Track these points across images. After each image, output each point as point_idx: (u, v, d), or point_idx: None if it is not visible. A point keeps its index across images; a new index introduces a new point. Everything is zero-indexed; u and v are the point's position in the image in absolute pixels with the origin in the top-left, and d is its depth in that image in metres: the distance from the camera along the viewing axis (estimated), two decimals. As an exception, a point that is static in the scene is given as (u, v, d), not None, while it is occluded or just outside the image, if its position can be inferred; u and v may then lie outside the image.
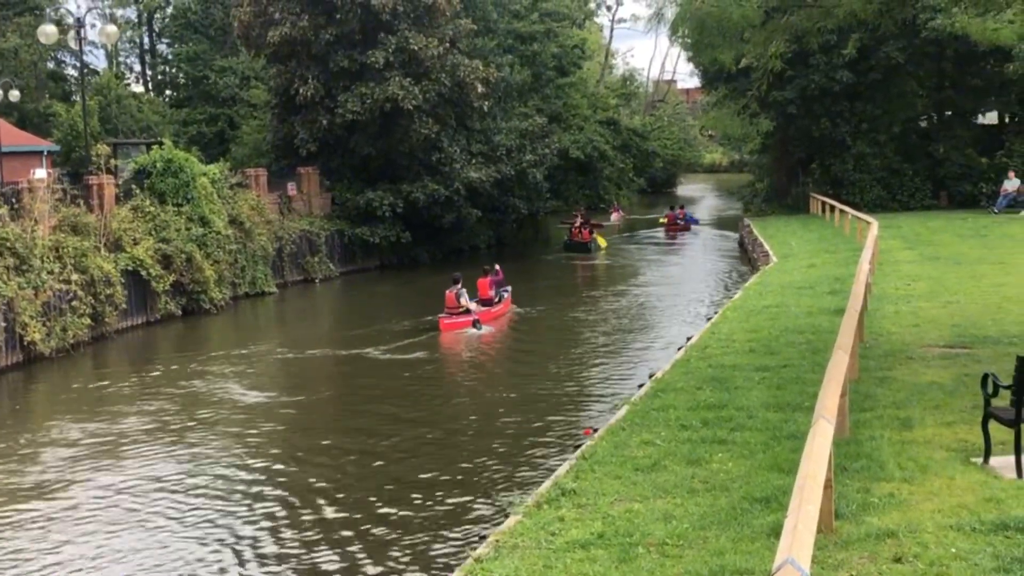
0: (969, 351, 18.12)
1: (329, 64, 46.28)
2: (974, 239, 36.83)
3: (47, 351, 27.89)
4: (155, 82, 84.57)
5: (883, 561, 9.10)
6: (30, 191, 30.82)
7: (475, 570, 9.90)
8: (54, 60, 76.83)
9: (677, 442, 13.55)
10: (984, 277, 27.38)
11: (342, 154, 47.54)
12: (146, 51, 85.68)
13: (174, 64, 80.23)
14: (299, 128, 47.35)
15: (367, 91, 45.44)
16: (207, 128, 66.59)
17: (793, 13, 17.73)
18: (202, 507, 15.92)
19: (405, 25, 46.54)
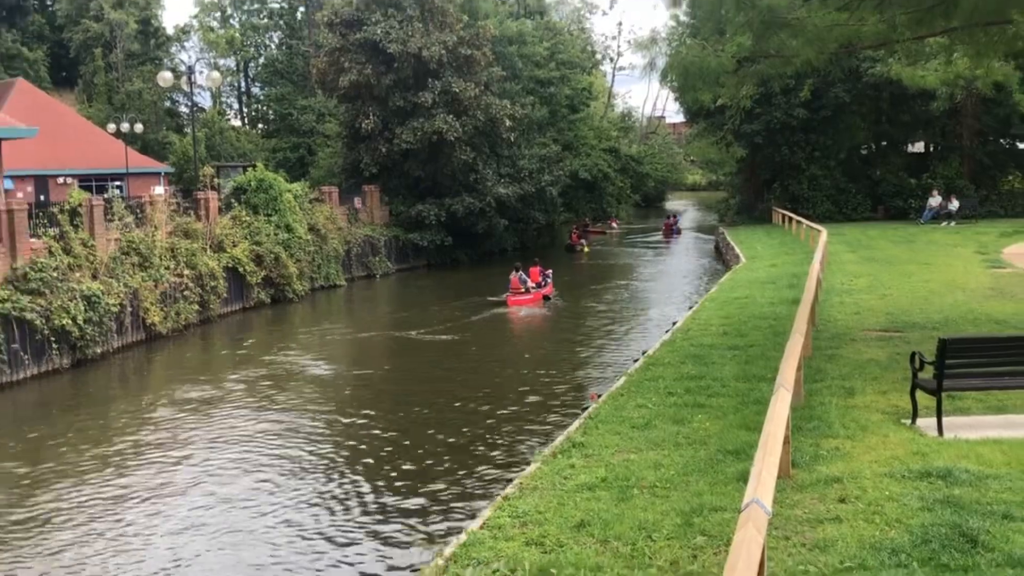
0: (900, 334, 18.05)
1: (388, 103, 46.35)
2: (904, 244, 36.65)
3: (164, 331, 28.08)
4: (250, 117, 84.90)
5: (830, 501, 9.08)
6: (151, 204, 31.02)
7: (503, 506, 9.92)
8: (170, 100, 77.30)
9: (665, 406, 13.54)
10: (912, 275, 27.24)
11: (398, 175, 47.61)
12: (243, 93, 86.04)
13: (265, 103, 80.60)
14: (364, 154, 47.51)
15: (418, 125, 45.59)
16: (291, 154, 66.90)
17: (759, 62, 17.66)
18: (288, 452, 16.05)
19: (449, 73, 46.62)
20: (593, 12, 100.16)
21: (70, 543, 12.28)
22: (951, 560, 7.51)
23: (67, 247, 25.56)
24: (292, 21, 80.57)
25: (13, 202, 24.48)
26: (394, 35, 45.52)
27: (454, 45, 46.80)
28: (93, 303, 24.81)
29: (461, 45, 47.22)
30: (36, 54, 79.39)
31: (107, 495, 14.16)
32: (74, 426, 18.55)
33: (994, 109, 48.02)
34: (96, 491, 14.36)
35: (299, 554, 11.67)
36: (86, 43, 74.76)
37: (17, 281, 23.31)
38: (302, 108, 70.42)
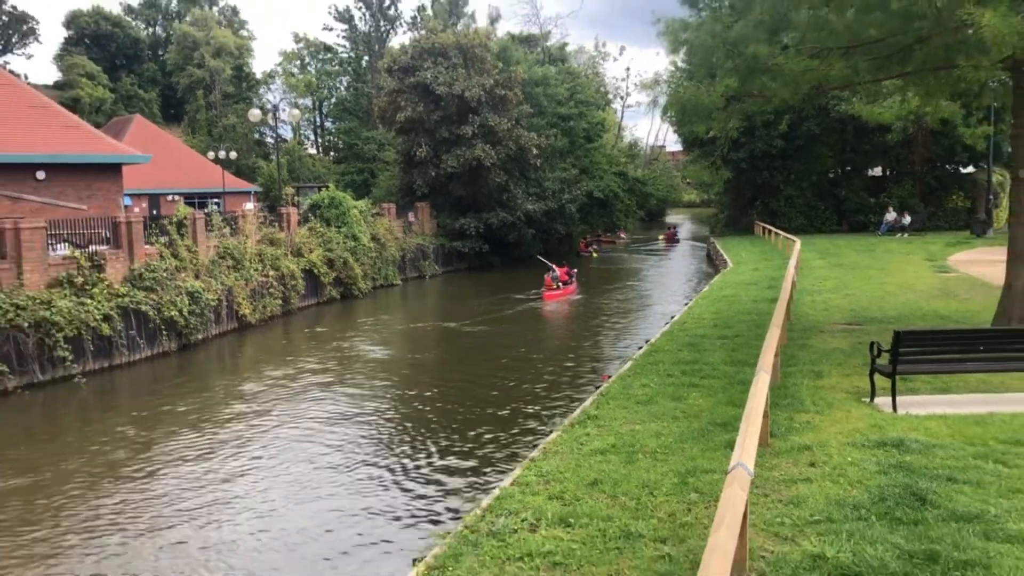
0: (861, 327, 17.89)
1: (436, 135, 46.41)
2: (865, 253, 36.29)
3: (253, 321, 28.30)
4: (323, 147, 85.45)
5: (802, 465, 9.03)
6: (243, 217, 31.27)
7: (530, 466, 9.93)
8: (258, 132, 78.03)
9: (664, 385, 13.50)
10: (872, 278, 26.98)
11: (444, 194, 47.65)
12: (318, 126, 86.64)
13: (335, 135, 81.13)
14: (416, 177, 47.61)
15: (460, 153, 45.64)
16: (356, 177, 67.26)
17: (744, 101, 17.58)
18: (354, 420, 16.14)
19: (486, 110, 46.60)
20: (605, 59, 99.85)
21: (173, 485, 12.45)
22: (904, 515, 7.46)
23: (175, 252, 25.83)
24: (358, 68, 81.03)
25: (131, 216, 24.74)
26: (442, 79, 45.62)
27: (491, 87, 46.80)
28: (195, 298, 25.05)
29: (496, 87, 47.21)
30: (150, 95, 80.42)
31: (202, 448, 14.33)
32: (180, 397, 18.76)
33: (941, 140, 47.90)
34: (195, 447, 14.53)
35: (362, 501, 11.74)
36: (191, 86, 75.62)
37: (134, 280, 23.58)
38: (366, 139, 70.76)
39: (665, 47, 17.43)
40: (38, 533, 11.13)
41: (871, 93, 19.76)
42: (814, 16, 14.37)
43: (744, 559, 6.48)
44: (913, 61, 14.44)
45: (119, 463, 14.02)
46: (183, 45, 76.52)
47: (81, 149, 29.74)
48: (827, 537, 7.10)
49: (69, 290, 21.54)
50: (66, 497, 12.44)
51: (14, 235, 20.81)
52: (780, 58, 14.93)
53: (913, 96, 18.72)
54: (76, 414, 17.95)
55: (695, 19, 17.11)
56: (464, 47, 47.75)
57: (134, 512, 11.77)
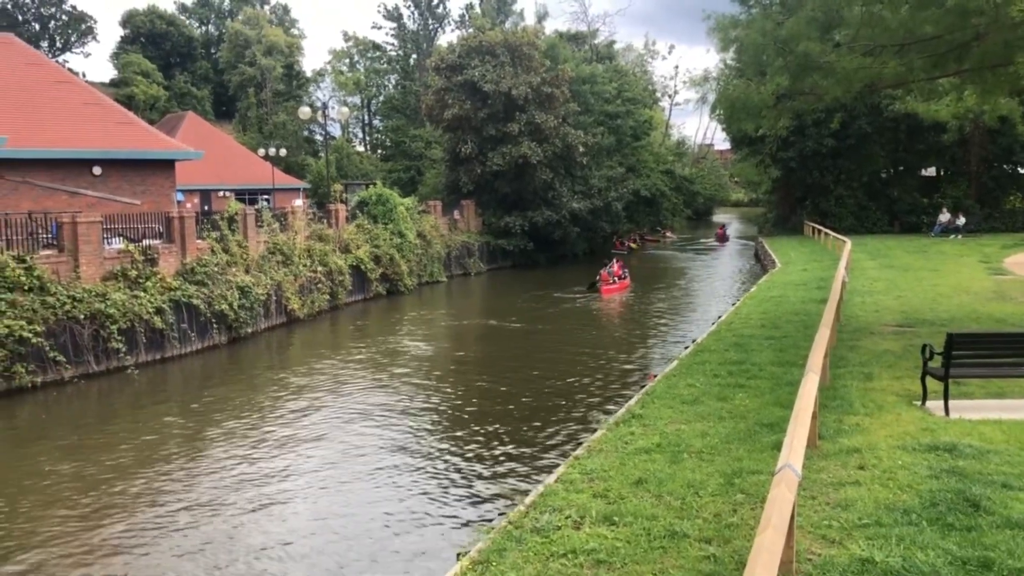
0: (912, 329, 17.57)
1: (482, 133, 46.55)
2: (917, 254, 35.63)
3: (301, 316, 28.64)
4: (371, 144, 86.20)
5: (851, 468, 8.91)
6: (292, 214, 31.64)
7: (574, 464, 9.93)
8: (308, 130, 78.94)
9: (711, 385, 13.41)
10: (924, 280, 26.47)
11: (489, 192, 47.76)
12: (366, 124, 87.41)
13: (383, 133, 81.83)
14: (462, 175, 47.78)
15: (507, 151, 45.72)
16: (403, 174, 67.73)
17: (795, 99, 17.36)
18: (399, 414, 16.28)
19: (533, 107, 46.64)
20: (654, 57, 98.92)
21: (220, 476, 12.67)
22: (956, 521, 7.32)
23: (225, 247, 26.22)
24: (406, 66, 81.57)
25: (184, 211, 25.20)
26: (489, 77, 45.73)
27: (538, 85, 46.80)
28: (245, 292, 25.43)
29: (543, 85, 47.20)
30: (203, 92, 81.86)
31: (251, 439, 14.56)
32: (230, 388, 19.08)
33: (999, 139, 46.96)
34: (244, 438, 14.76)
35: (406, 493, 11.84)
36: (242, 84, 76.76)
37: (186, 274, 24.01)
38: (413, 137, 71.23)
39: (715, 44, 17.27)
40: (84, 510, 11.41)
41: (926, 91, 19.40)
42: (867, 12, 14.15)
43: (791, 561, 6.41)
44: (970, 58, 14.14)
45: (167, 452, 14.31)
46: (235, 43, 77.71)
47: (135, 145, 30.39)
48: (876, 541, 7.00)
49: (123, 283, 22.02)
50: (112, 482, 12.74)
51: (71, 229, 21.34)
52: (832, 56, 14.73)
53: (970, 94, 18.32)
54: (128, 404, 18.36)
55: (745, 16, 16.95)
56: (512, 45, 47.79)
57: (180, 502, 12.00)
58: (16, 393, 18.53)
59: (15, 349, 18.60)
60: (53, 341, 19.53)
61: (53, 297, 19.93)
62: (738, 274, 42.55)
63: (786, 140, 46.88)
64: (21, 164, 28.03)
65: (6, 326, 18.51)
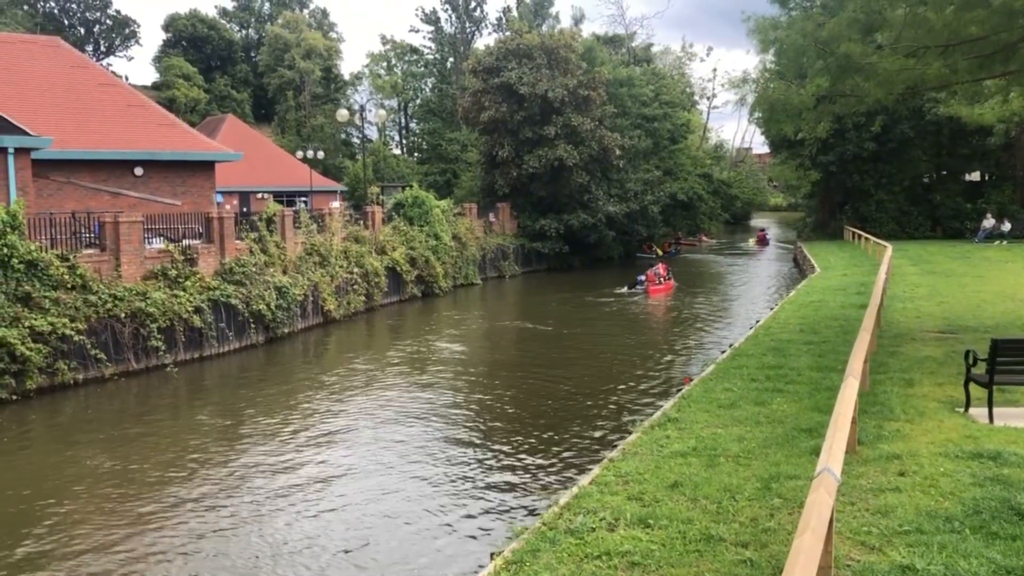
0: (955, 336, 17.26)
1: (518, 135, 46.59)
2: (960, 260, 35.02)
3: (338, 316, 28.85)
4: (408, 147, 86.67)
5: (891, 474, 8.77)
6: (329, 215, 31.89)
7: (609, 467, 9.90)
8: (345, 133, 79.66)
9: (748, 390, 13.29)
10: (967, 286, 26.00)
11: (525, 195, 47.77)
12: (403, 127, 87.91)
13: (420, 136, 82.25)
14: (498, 177, 47.86)
15: (543, 153, 45.71)
16: (439, 177, 67.97)
17: (835, 101, 17.18)
18: (433, 413, 16.33)
19: (569, 110, 46.60)
20: (692, 60, 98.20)
21: (255, 474, 12.80)
22: (1000, 529, 7.18)
23: (264, 248, 26.49)
24: (443, 69, 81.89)
25: (223, 212, 25.51)
26: (525, 79, 45.77)
27: (574, 87, 46.76)
28: (283, 293, 25.67)
29: (580, 87, 47.14)
30: (242, 95, 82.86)
31: (285, 439, 14.69)
32: (267, 387, 19.27)
33: (1046, 143, 45.87)
34: (280, 437, 14.90)
35: (440, 493, 11.87)
36: (281, 87, 77.64)
37: (225, 274, 24.30)
38: (449, 140, 71.50)
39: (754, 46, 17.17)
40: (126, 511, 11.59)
41: (970, 94, 19.03)
42: (911, 13, 13.94)
43: (829, 567, 6.32)
44: (1017, 59, 13.88)
45: (206, 452, 14.49)
46: (275, 47, 78.58)
47: (176, 147, 30.85)
48: (917, 548, 6.88)
49: (163, 282, 22.35)
50: (153, 483, 12.93)
51: (113, 228, 21.71)
52: (874, 57, 14.54)
53: (1016, 96, 17.98)
54: (168, 402, 18.62)
55: (785, 18, 16.80)
56: (548, 48, 47.80)
57: (215, 499, 12.14)
58: (59, 389, 18.90)
59: (58, 346, 18.97)
60: (94, 339, 19.89)
61: (95, 295, 20.29)
62: (777, 279, 42.12)
63: (826, 143, 46.33)
64: (66, 165, 28.58)
65: (49, 323, 18.87)
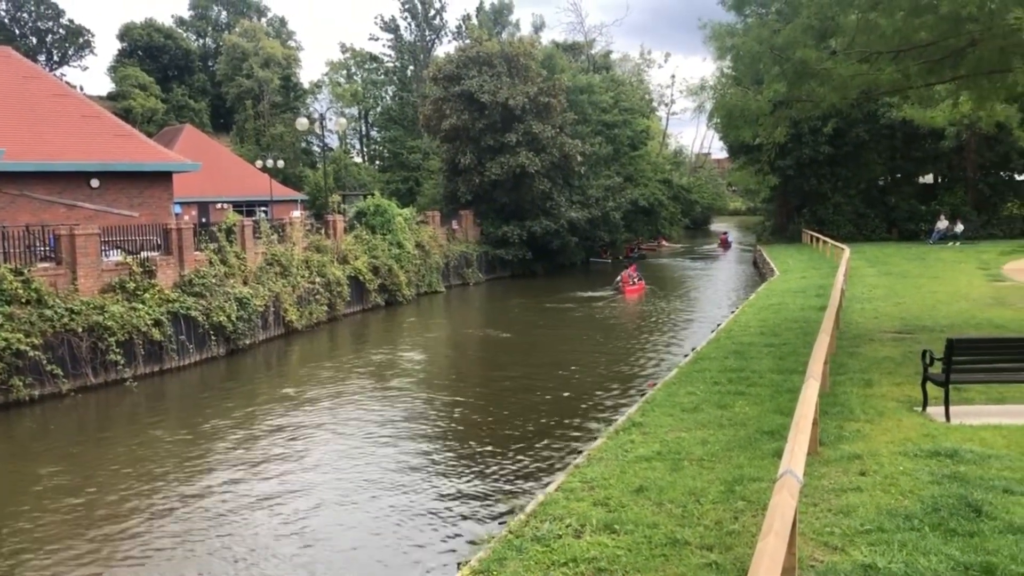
0: (912, 336, 17.57)
1: (480, 143, 46.61)
2: (916, 261, 35.66)
3: (299, 327, 28.59)
4: (369, 155, 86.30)
5: (852, 474, 8.88)
6: (290, 225, 31.66)
7: (575, 473, 9.91)
8: (305, 141, 79.07)
9: (711, 393, 13.39)
10: (923, 287, 26.48)
11: (488, 201, 47.77)
12: (364, 135, 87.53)
13: (381, 144, 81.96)
14: (460, 185, 47.79)
15: (504, 160, 45.77)
16: (401, 185, 67.78)
17: (792, 106, 17.41)
18: (394, 423, 16.23)
19: (530, 117, 46.73)
20: (650, 66, 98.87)
21: (217, 490, 12.63)
22: (958, 526, 7.30)
23: (224, 259, 26.20)
24: (403, 77, 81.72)
25: (182, 223, 25.19)
26: (486, 87, 45.84)
27: (535, 95, 46.92)
28: (243, 304, 25.39)
29: (540, 95, 47.31)
30: (200, 104, 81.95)
31: (247, 454, 14.50)
32: (228, 401, 19.02)
33: (995, 146, 47.16)
34: (242, 451, 14.71)
35: (405, 506, 11.79)
36: (240, 96, 76.92)
37: (184, 286, 23.98)
38: (411, 148, 71.34)
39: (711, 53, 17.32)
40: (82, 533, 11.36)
41: (922, 98, 19.41)
42: (863, 19, 14.19)
43: (793, 568, 6.38)
44: (965, 64, 14.18)
45: (164, 469, 14.25)
46: (232, 56, 77.84)
47: (133, 157, 30.40)
48: (878, 547, 6.97)
49: (121, 295, 21.98)
50: (110, 502, 12.68)
51: (69, 241, 21.32)
52: (829, 62, 14.77)
53: (965, 100, 18.36)
54: (126, 417, 18.29)
55: (741, 24, 17.00)
56: (509, 55, 47.94)
57: (174, 517, 11.94)
58: (13, 406, 18.48)
59: (12, 362, 18.56)
60: (51, 354, 19.49)
61: (51, 310, 19.89)
62: (737, 281, 42.55)
63: (783, 148, 46.89)
64: (19, 177, 28.03)
65: (3, 339, 18.47)
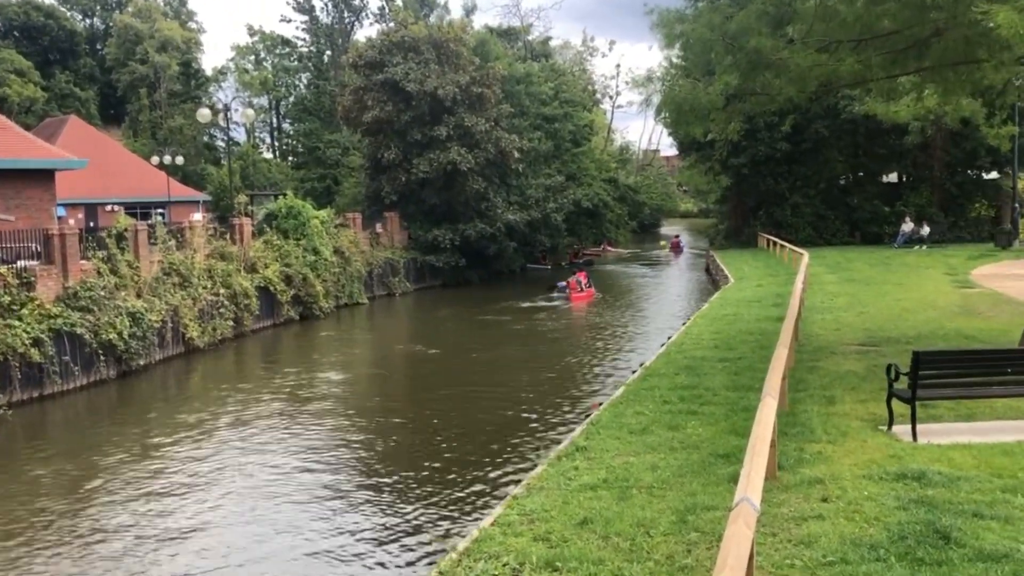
0: (876, 348, 17.97)
1: (407, 137, 46.52)
2: (880, 266, 36.53)
3: (202, 345, 28.09)
4: (281, 151, 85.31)
5: (814, 500, 9.02)
6: (191, 229, 31.13)
7: (512, 504, 9.88)
8: (208, 135, 77.85)
9: (661, 413, 13.49)
10: (888, 294, 27.14)
11: (416, 202, 47.66)
12: (275, 128, 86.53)
13: (294, 138, 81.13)
14: (385, 184, 47.62)
15: (434, 157, 45.75)
16: (318, 184, 67.15)
17: (746, 100, 17.69)
18: (310, 453, 16.02)
19: (462, 109, 46.81)
20: (593, 55, 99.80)
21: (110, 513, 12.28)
22: (926, 555, 7.46)
23: (114, 268, 25.63)
24: (320, 63, 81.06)
25: (65, 228, 24.56)
26: (412, 75, 45.78)
27: (467, 84, 47.02)
28: (137, 319, 24.86)
29: (473, 84, 47.44)
30: (87, 93, 79.95)
31: (144, 490, 14.15)
32: (119, 431, 18.55)
33: (962, 143, 48.14)
34: (134, 487, 14.35)
35: (324, 545, 11.62)
36: (133, 83, 75.32)
37: (69, 299, 23.37)
38: (328, 142, 70.77)
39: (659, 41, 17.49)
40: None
41: (885, 91, 19.89)
42: (821, 5, 14.51)
43: (751, 605, 6.45)
44: (930, 55, 14.59)
45: (43, 506, 13.82)
46: (124, 38, 76.21)
47: (9, 153, 29.49)
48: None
49: (-6, 311, 21.31)
50: (-11, 543, 12.26)
51: (-68, 249, 20.62)
52: (785, 52, 15.05)
53: (930, 94, 18.89)
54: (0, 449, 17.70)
55: (691, 10, 17.26)
56: (437, 41, 47.95)
57: (57, 564, 11.59)
58: None
59: None
60: (-90, 379, 18.78)
61: (-90, 328, 19.18)
62: (688, 290, 43.13)
63: (737, 145, 47.63)
64: None
65: None
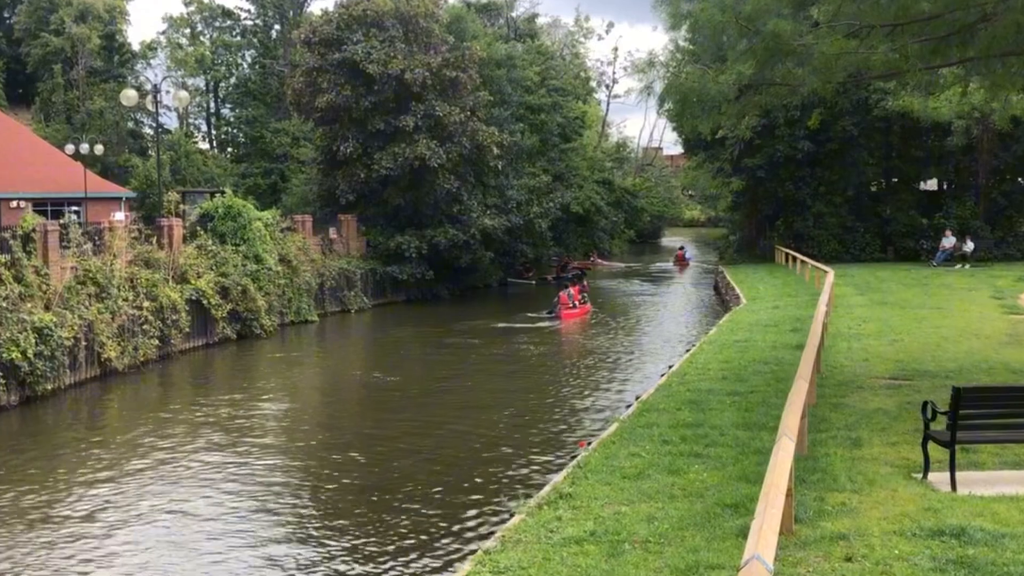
0: (911, 382, 18.06)
1: (367, 127, 46.47)
2: (916, 288, 36.73)
3: (121, 367, 27.87)
4: (219, 140, 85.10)
5: (836, 560, 9.03)
6: (110, 231, 30.95)
7: (484, 560, 9.84)
8: (133, 120, 77.47)
9: (659, 455, 13.49)
10: (925, 320, 27.29)
11: (376, 203, 47.61)
12: (212, 114, 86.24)
13: (235, 125, 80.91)
14: (340, 181, 47.52)
15: (399, 150, 45.68)
16: (262, 180, 66.94)
17: (762, 91, 17.78)
18: (246, 498, 15.92)
19: (433, 96, 46.84)
20: (588, 36, 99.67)
21: None
22: (965, 625, 7.48)
23: (18, 275, 25.39)
24: (266, 40, 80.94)
25: (-39, 226, 24.39)
26: (375, 55, 45.79)
27: (438, 67, 47.06)
28: (45, 336, 24.63)
29: (446, 67, 47.47)
30: (-9, 69, 79.49)
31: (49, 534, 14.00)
32: (18, 469, 18.36)
33: (1012, 146, 48.08)
34: (35, 529, 14.19)
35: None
36: (45, 58, 74.85)
37: (-37, 311, 23.19)
38: (275, 131, 70.59)
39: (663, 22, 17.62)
40: None
41: (924, 84, 20.07)
42: (851, -17, 14.64)
43: None
44: (976, 44, 14.73)
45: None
46: (36, 6, 75.91)
47: None
48: (868, 654, 7.10)
49: None
50: None
51: None
52: (809, 37, 15.17)
53: (976, 88, 19.10)
54: None
55: (701, -14, 17.36)
56: (405, 16, 48.03)
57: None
58: None
59: None
60: None
61: None
62: (694, 311, 43.24)
63: (751, 143, 47.87)
64: None
65: None
